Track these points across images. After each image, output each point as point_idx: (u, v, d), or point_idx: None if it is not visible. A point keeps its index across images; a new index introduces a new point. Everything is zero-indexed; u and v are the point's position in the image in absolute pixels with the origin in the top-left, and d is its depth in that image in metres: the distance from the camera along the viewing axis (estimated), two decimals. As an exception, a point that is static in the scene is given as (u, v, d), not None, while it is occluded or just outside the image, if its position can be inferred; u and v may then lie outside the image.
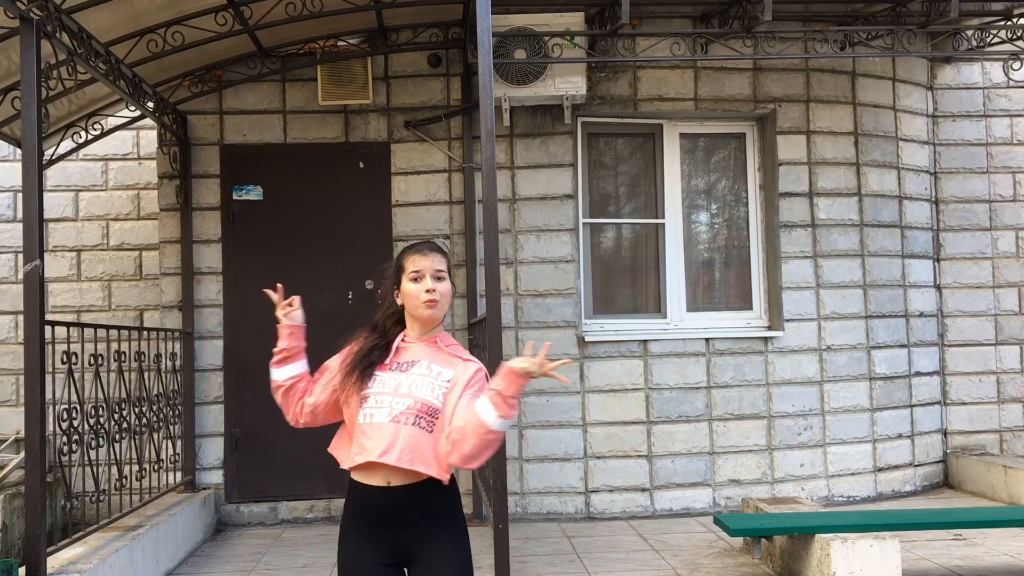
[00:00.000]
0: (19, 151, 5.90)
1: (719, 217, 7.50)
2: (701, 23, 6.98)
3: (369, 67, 6.88)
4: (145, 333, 6.19)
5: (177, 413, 6.71)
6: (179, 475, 6.69)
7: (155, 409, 6.22)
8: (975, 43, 6.75)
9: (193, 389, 6.84)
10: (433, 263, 2.71)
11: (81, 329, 5.06)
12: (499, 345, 4.40)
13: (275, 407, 2.81)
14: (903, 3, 6.65)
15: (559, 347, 6.88)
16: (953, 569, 5.25)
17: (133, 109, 6.38)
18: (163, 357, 6.45)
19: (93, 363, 5.11)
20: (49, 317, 4.61)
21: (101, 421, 5.23)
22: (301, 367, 2.79)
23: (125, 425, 5.62)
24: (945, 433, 7.84)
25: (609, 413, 6.89)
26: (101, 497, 5.21)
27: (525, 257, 6.96)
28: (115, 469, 5.41)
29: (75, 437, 4.86)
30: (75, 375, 4.83)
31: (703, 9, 6.92)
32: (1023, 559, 5.43)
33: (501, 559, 4.29)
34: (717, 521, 5.28)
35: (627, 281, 7.38)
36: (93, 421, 5.15)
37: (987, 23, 6.81)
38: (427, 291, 2.68)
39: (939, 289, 7.89)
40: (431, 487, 2.61)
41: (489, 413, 2.50)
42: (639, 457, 6.89)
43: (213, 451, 6.87)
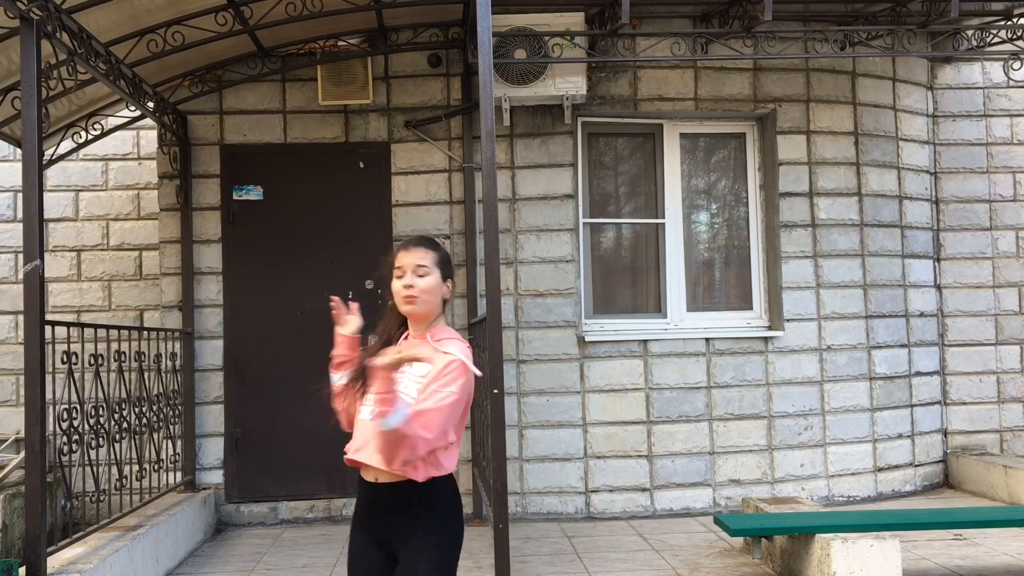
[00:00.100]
0: (19, 151, 5.90)
1: (719, 217, 7.50)
2: (701, 23, 6.99)
3: (369, 67, 6.88)
4: (145, 333, 6.19)
5: (177, 413, 6.71)
6: (179, 475, 6.69)
7: (155, 409, 6.22)
8: (975, 43, 6.75)
9: (193, 389, 6.84)
10: (415, 258, 2.69)
11: (81, 329, 5.06)
12: (499, 345, 4.40)
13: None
14: (903, 3, 6.65)
15: (559, 347, 6.89)
16: (953, 569, 5.25)
17: (133, 109, 6.38)
18: (163, 357, 6.45)
19: (93, 363, 5.11)
20: (49, 317, 4.61)
21: (101, 421, 5.23)
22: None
23: (125, 425, 5.61)
24: (945, 433, 7.84)
25: (609, 413, 6.89)
26: (101, 497, 5.20)
27: (525, 257, 6.96)
28: (115, 469, 5.41)
29: (75, 437, 4.86)
30: (75, 375, 4.83)
31: (703, 9, 6.92)
32: (1023, 559, 5.43)
33: (501, 559, 4.29)
34: (717, 521, 5.28)
35: (627, 281, 7.38)
36: (93, 421, 5.15)
37: (987, 23, 6.82)
38: (405, 287, 2.68)
39: (939, 289, 7.89)
40: (412, 484, 2.60)
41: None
42: (639, 457, 6.89)
43: (213, 451, 6.87)
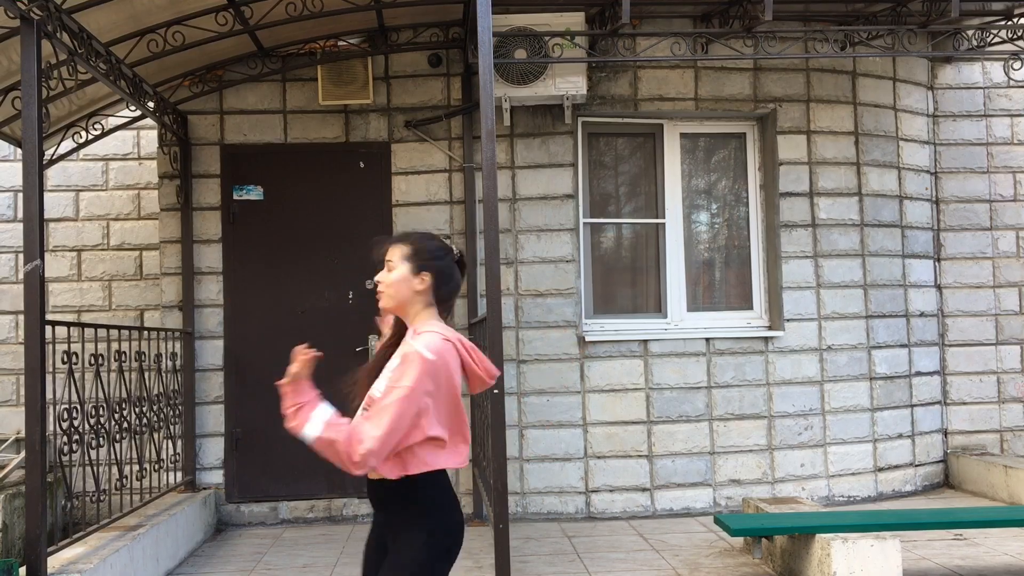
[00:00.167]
0: (19, 151, 5.89)
1: (719, 217, 7.50)
2: (701, 23, 6.99)
3: (369, 67, 6.87)
4: (145, 333, 6.19)
5: (177, 413, 6.71)
6: (179, 475, 6.69)
7: (155, 409, 6.23)
8: (975, 43, 6.75)
9: (193, 389, 6.84)
10: (381, 254, 2.70)
11: (81, 329, 5.06)
12: (499, 345, 4.41)
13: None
14: (903, 3, 6.65)
15: (559, 347, 6.89)
16: (954, 569, 5.25)
17: (133, 109, 6.38)
18: (163, 357, 6.46)
19: (93, 363, 5.11)
20: (49, 317, 4.61)
21: (101, 421, 5.23)
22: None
23: (125, 425, 5.62)
24: (945, 433, 7.83)
25: (609, 413, 6.89)
26: (101, 497, 5.20)
27: (525, 257, 6.96)
28: (115, 469, 5.41)
29: (75, 437, 4.86)
30: (75, 375, 4.83)
31: (703, 9, 6.92)
32: (1023, 559, 5.43)
33: (501, 559, 4.30)
34: (718, 521, 5.27)
35: (627, 281, 7.38)
36: (93, 421, 5.15)
37: (987, 23, 6.81)
38: (377, 283, 2.71)
39: (939, 289, 7.88)
40: (387, 481, 2.58)
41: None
42: (639, 457, 6.89)
43: (213, 451, 6.87)
